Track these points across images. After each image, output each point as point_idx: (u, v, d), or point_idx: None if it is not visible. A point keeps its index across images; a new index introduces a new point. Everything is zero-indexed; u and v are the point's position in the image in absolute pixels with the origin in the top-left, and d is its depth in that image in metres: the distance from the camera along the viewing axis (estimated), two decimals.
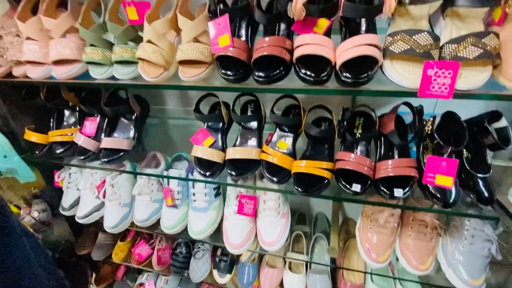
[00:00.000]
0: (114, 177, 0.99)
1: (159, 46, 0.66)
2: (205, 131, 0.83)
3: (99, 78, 0.72)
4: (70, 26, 0.72)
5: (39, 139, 0.93)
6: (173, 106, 1.11)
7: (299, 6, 0.54)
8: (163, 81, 0.69)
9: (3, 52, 0.77)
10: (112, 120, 0.94)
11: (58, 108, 0.96)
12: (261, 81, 0.60)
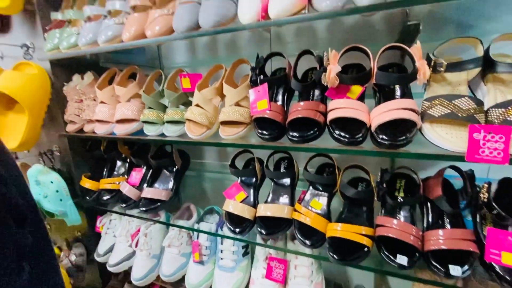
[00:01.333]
0: (148, 227, 1.02)
1: (205, 109, 0.75)
2: (238, 186, 0.85)
3: (151, 135, 0.82)
4: (135, 93, 0.86)
5: (92, 186, 1.03)
6: (211, 160, 1.18)
7: (332, 76, 0.60)
8: (204, 139, 0.76)
9: (80, 113, 0.94)
10: (156, 171, 1.02)
11: (113, 159, 1.08)
12: (295, 141, 0.63)
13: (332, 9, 0.55)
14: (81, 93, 0.93)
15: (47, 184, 0.97)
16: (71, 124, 0.95)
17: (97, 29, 0.78)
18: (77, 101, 0.94)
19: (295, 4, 0.58)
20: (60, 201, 1.00)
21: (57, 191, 0.98)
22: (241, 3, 0.65)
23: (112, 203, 1.06)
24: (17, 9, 0.85)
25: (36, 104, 0.89)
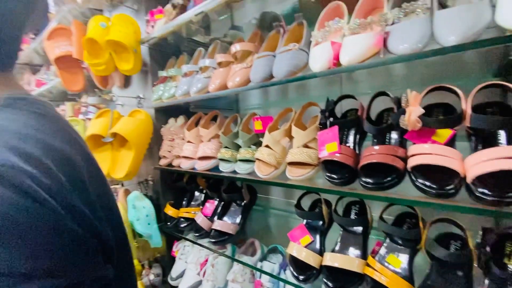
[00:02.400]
0: (216, 258, 1.07)
1: (273, 150, 0.79)
2: (303, 228, 0.83)
3: (224, 171, 0.91)
4: (215, 133, 0.99)
5: (173, 213, 1.18)
6: (277, 197, 1.19)
7: (413, 119, 0.55)
8: (272, 178, 0.79)
9: (171, 149, 1.12)
10: (226, 204, 1.10)
11: (192, 190, 1.22)
12: (370, 187, 0.59)
13: (411, 52, 0.53)
14: (173, 133, 1.12)
15: (141, 208, 1.16)
16: (163, 159, 1.14)
17: (190, 82, 0.96)
18: (170, 140, 1.13)
19: (369, 49, 0.58)
20: (148, 225, 1.16)
21: (147, 216, 1.15)
22: (313, 53, 0.70)
23: (187, 231, 1.17)
24: (136, 70, 1.13)
25: (141, 143, 1.11)
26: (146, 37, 1.05)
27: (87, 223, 0.33)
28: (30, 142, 0.31)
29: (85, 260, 0.32)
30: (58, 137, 0.35)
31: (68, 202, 0.31)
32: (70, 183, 0.32)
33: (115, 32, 0.99)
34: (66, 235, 0.30)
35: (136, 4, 1.12)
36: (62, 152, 0.33)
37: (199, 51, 1.06)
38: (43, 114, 0.36)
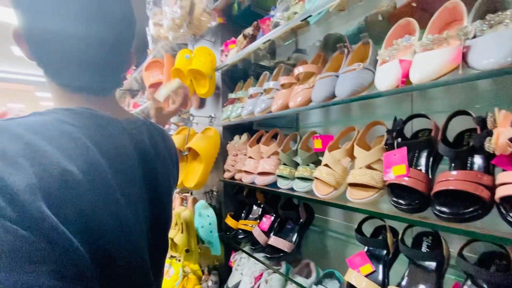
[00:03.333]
0: (270, 274, 1.07)
1: (333, 169, 0.78)
2: (364, 256, 0.77)
3: (282, 188, 0.93)
4: (275, 150, 1.03)
5: (232, 224, 1.25)
6: (335, 219, 1.14)
7: (503, 142, 0.48)
8: (330, 199, 0.77)
9: (234, 164, 1.21)
10: (282, 221, 1.10)
11: (251, 203, 1.28)
12: (445, 218, 0.53)
13: (499, 67, 0.47)
14: (237, 149, 1.22)
15: (205, 217, 1.27)
16: (227, 172, 1.24)
17: (255, 103, 1.04)
18: (234, 155, 1.23)
19: (444, 65, 0.54)
20: (210, 232, 1.26)
21: (210, 224, 1.25)
22: (379, 71, 0.68)
23: (244, 243, 1.21)
24: (210, 93, 1.29)
25: (210, 157, 1.24)
26: (220, 65, 1.21)
27: (46, 231, 0.30)
28: (16, 142, 0.32)
29: (28, 269, 0.28)
30: (55, 143, 0.35)
31: (27, 204, 0.29)
32: (41, 187, 0.31)
33: (196, 62, 1.17)
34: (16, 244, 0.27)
35: (214, 37, 1.31)
36: (47, 157, 0.33)
37: (265, 74, 1.15)
38: (65, 121, 0.38)
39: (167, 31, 1.20)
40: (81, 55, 0.42)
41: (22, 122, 0.35)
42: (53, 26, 0.39)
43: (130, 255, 0.42)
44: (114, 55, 0.46)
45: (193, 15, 1.13)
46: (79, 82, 0.44)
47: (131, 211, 0.43)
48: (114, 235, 0.39)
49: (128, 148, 0.46)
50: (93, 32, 0.41)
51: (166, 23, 1.17)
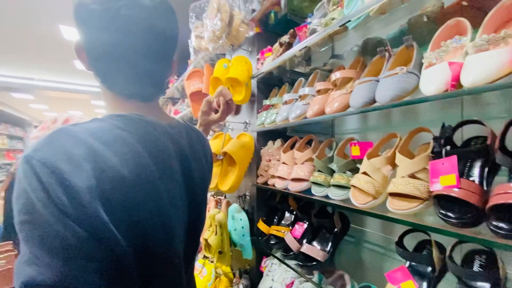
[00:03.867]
0: (302, 282, 1.05)
1: (372, 177, 0.75)
2: (405, 271, 0.72)
3: (317, 195, 0.91)
4: (309, 157, 1.02)
5: (264, 229, 1.25)
6: (373, 230, 1.08)
7: None
8: (369, 208, 0.74)
9: (268, 169, 1.22)
10: (316, 229, 1.08)
11: (283, 209, 1.28)
12: (503, 235, 0.47)
13: None
14: (270, 154, 1.23)
15: (238, 220, 1.30)
16: (260, 177, 1.26)
17: (290, 109, 1.05)
18: (267, 160, 1.25)
19: (502, 67, 0.50)
20: (243, 236, 1.28)
21: (243, 228, 1.27)
22: (425, 75, 0.65)
23: (276, 249, 1.21)
24: (246, 100, 1.32)
25: (244, 161, 1.27)
26: (256, 73, 1.25)
27: (99, 231, 0.34)
28: (81, 146, 0.36)
29: (79, 267, 0.32)
30: (112, 148, 0.39)
31: (86, 205, 0.33)
32: (99, 188, 0.35)
33: (233, 71, 1.23)
34: (65, 235, 0.32)
35: (250, 46, 1.36)
36: (105, 161, 0.37)
37: (300, 80, 1.15)
38: (120, 127, 0.42)
39: (208, 43, 1.27)
40: (133, 66, 0.47)
41: (86, 127, 0.40)
42: (110, 41, 0.45)
43: (169, 252, 0.46)
44: (160, 66, 0.51)
45: (231, 26, 1.18)
46: (131, 90, 0.50)
47: (173, 210, 0.47)
48: (158, 234, 0.43)
49: (170, 151, 0.50)
50: (144, 46, 0.47)
51: (207, 35, 1.25)
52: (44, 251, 0.31)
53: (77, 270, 0.32)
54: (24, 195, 0.33)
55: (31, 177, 0.33)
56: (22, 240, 0.32)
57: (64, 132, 0.37)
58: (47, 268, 0.31)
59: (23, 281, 0.31)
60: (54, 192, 0.32)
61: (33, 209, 0.32)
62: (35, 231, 0.32)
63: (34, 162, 0.33)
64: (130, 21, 0.44)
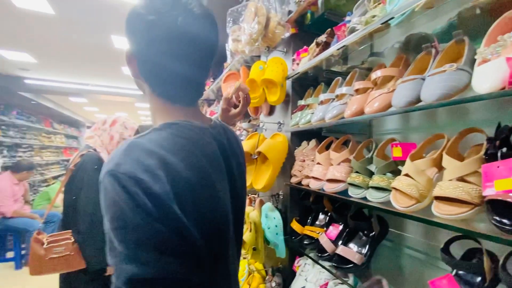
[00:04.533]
0: (337, 284, 1.04)
1: (416, 180, 0.72)
2: (452, 280, 0.67)
3: (354, 197, 0.90)
4: (346, 158, 1.01)
5: (297, 229, 1.25)
6: (414, 235, 1.03)
7: None
8: (412, 212, 0.71)
9: (302, 169, 1.23)
10: (352, 231, 1.06)
11: (317, 210, 1.27)
12: None
13: None
14: (305, 155, 1.23)
15: (271, 219, 1.32)
16: (294, 177, 1.26)
17: (326, 109, 1.05)
18: (301, 160, 1.25)
19: None
20: (276, 235, 1.30)
21: (276, 226, 1.29)
22: (478, 72, 0.60)
23: (309, 249, 1.20)
24: (281, 101, 1.34)
25: (278, 161, 1.29)
26: (291, 73, 1.26)
27: (181, 227, 0.41)
28: (152, 157, 0.41)
29: (171, 259, 0.39)
30: (178, 155, 0.44)
31: (166, 206, 0.40)
32: (173, 192, 0.40)
33: (269, 72, 1.25)
34: (156, 234, 0.38)
35: (286, 47, 1.37)
36: (175, 168, 0.42)
37: (337, 80, 1.14)
38: (178, 136, 0.47)
39: (244, 46, 1.32)
40: (181, 74, 0.51)
41: (150, 139, 0.45)
42: (162, 51, 0.49)
43: (226, 243, 0.52)
44: (202, 72, 0.55)
45: (268, 28, 1.21)
46: (177, 96, 0.54)
47: (226, 207, 0.53)
48: (219, 227, 0.50)
49: (217, 151, 0.55)
50: (191, 54, 0.51)
51: (244, 38, 1.29)
52: (140, 250, 0.38)
53: (167, 262, 0.39)
54: (114, 204, 0.39)
55: (118, 189, 0.39)
56: (118, 242, 0.38)
57: (135, 146, 0.43)
58: (145, 264, 0.38)
59: (126, 276, 0.37)
60: (140, 199, 0.38)
61: (124, 215, 0.38)
62: (129, 235, 0.38)
63: (119, 175, 0.39)
64: (183, 32, 0.48)
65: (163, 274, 0.39)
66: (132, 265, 0.37)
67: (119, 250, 0.38)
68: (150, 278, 0.38)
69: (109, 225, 0.39)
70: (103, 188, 0.40)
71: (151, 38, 0.48)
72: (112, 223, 0.39)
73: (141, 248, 0.38)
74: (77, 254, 1.37)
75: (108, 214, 0.40)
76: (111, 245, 0.40)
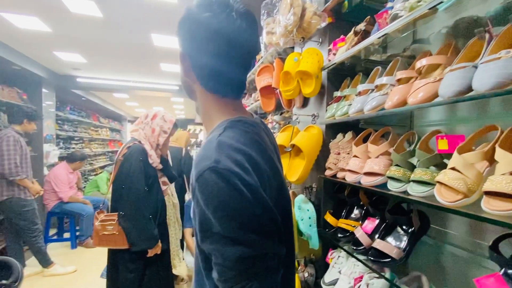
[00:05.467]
0: (372, 278, 1.03)
1: (464, 174, 0.68)
2: (500, 279, 0.64)
3: (393, 191, 0.87)
4: (385, 150, 0.98)
5: (331, 221, 1.26)
6: (458, 232, 0.97)
7: None
8: (459, 207, 0.68)
9: (337, 162, 1.22)
10: (389, 226, 1.03)
11: (352, 203, 1.26)
12: None
13: None
14: (340, 147, 1.22)
15: (304, 210, 1.34)
16: (328, 170, 1.26)
17: (364, 100, 1.02)
18: (336, 153, 1.24)
19: None
20: (309, 226, 1.31)
21: (309, 218, 1.31)
22: None
23: (343, 242, 1.20)
24: (315, 93, 1.33)
25: (312, 153, 1.30)
26: (327, 64, 1.24)
27: (269, 211, 0.49)
28: (239, 153, 0.49)
29: (266, 238, 0.47)
30: (254, 149, 0.52)
31: (259, 194, 0.47)
32: (259, 181, 0.48)
33: (304, 63, 1.25)
34: (254, 217, 0.46)
35: (321, 37, 1.35)
36: (256, 160, 0.50)
37: (376, 69, 1.09)
38: (248, 132, 0.55)
39: (279, 38, 1.32)
40: (229, 68, 0.56)
41: (230, 136, 0.52)
42: (211, 48, 0.54)
43: (291, 222, 0.62)
44: (246, 66, 0.60)
45: (303, 19, 1.20)
46: (228, 90, 0.59)
47: (288, 191, 0.62)
48: (286, 209, 0.60)
49: (272, 146, 0.63)
50: (237, 50, 0.55)
51: (279, 30, 1.30)
52: (244, 233, 0.45)
53: (265, 241, 0.47)
54: (218, 196, 0.45)
55: (220, 182, 0.45)
56: (222, 230, 0.45)
57: (223, 144, 0.49)
58: (250, 244, 0.46)
59: (236, 255, 0.45)
60: (241, 190, 0.45)
61: (228, 205, 0.45)
62: (234, 222, 0.45)
63: (220, 170, 0.45)
64: (232, 30, 0.53)
65: (263, 251, 0.46)
66: (239, 246, 0.45)
67: (223, 234, 0.45)
68: (255, 255, 0.46)
69: (212, 215, 0.45)
70: (203, 183, 0.46)
71: (204, 37, 0.53)
72: (216, 212, 0.45)
73: (245, 231, 0.45)
74: (122, 235, 1.55)
75: (211, 205, 0.45)
76: (205, 233, 0.47)
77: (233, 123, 0.55)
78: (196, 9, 0.54)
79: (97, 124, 7.27)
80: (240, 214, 0.45)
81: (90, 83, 4.98)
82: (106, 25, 2.80)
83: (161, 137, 1.74)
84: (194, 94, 0.63)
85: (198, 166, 0.47)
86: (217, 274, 0.47)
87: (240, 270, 0.45)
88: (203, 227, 0.48)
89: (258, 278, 0.46)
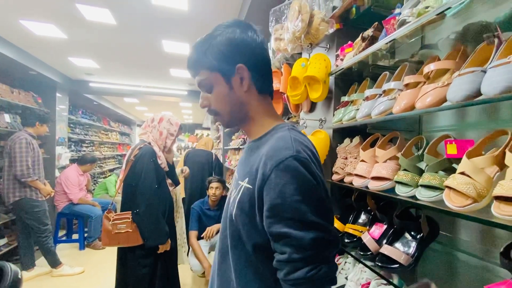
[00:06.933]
0: (380, 284, 1.01)
1: (473, 178, 0.68)
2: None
3: (401, 195, 0.87)
4: (393, 155, 0.98)
5: (338, 226, 1.25)
6: (468, 238, 0.95)
7: None
8: (467, 212, 0.67)
9: (344, 167, 1.22)
10: (397, 231, 1.02)
11: (359, 208, 1.25)
12: None
13: None
14: (348, 152, 1.22)
15: None
16: (335, 174, 1.26)
17: (371, 105, 1.02)
18: (343, 158, 1.24)
19: None
20: None
21: None
22: None
23: (350, 248, 1.19)
24: (323, 98, 1.34)
25: None
26: (334, 69, 1.25)
27: (329, 200, 0.57)
28: (307, 149, 0.57)
29: (333, 225, 0.56)
30: (315, 150, 0.61)
31: (325, 186, 0.56)
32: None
33: (311, 69, 1.26)
34: (326, 205, 0.55)
35: (329, 43, 1.37)
36: (318, 159, 0.61)
37: (384, 74, 1.10)
38: (300, 132, 0.65)
39: (287, 44, 1.35)
40: (269, 73, 0.71)
41: (299, 136, 0.61)
42: (260, 59, 0.67)
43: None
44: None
45: (311, 25, 1.22)
46: (270, 89, 0.72)
47: None
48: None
49: None
50: (269, 59, 0.71)
51: (287, 36, 1.32)
52: (317, 217, 0.52)
53: (333, 229, 0.57)
54: (297, 180, 0.52)
55: (302, 169, 0.53)
56: (298, 213, 0.51)
57: (296, 140, 0.57)
58: (327, 230, 0.53)
59: (311, 238, 0.51)
60: (317, 179, 0.54)
61: (307, 189, 0.52)
62: (310, 206, 0.52)
63: (302, 159, 0.53)
64: (261, 42, 0.68)
65: (332, 238, 0.53)
66: (317, 231, 0.51)
67: (299, 218, 0.51)
68: (328, 239, 0.52)
69: (290, 198, 0.51)
70: (285, 168, 0.52)
71: (255, 52, 0.66)
72: (291, 197, 0.51)
73: (318, 216, 0.52)
74: (135, 232, 1.58)
75: (290, 188, 0.51)
76: (276, 218, 0.52)
77: (291, 126, 0.65)
78: (230, 29, 0.65)
79: (107, 128, 7.43)
80: (316, 200, 0.52)
81: (102, 87, 5.12)
82: (119, 32, 2.89)
83: (168, 139, 1.79)
84: (242, 111, 0.68)
85: (278, 155, 0.54)
86: (287, 256, 0.51)
87: (315, 252, 0.51)
88: (273, 212, 0.52)
89: (327, 263, 0.52)
